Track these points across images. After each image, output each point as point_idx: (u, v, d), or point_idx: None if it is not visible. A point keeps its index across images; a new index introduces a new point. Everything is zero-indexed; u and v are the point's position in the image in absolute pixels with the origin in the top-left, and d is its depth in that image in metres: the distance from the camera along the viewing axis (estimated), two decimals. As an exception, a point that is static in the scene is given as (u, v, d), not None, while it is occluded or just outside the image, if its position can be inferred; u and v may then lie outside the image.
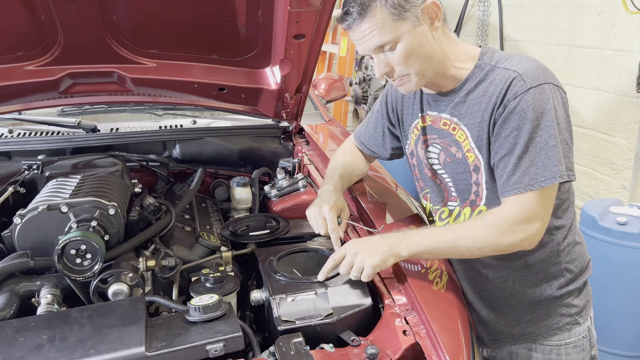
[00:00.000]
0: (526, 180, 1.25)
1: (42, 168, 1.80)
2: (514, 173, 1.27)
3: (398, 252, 1.30)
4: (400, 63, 1.31)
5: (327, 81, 3.34)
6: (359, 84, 5.62)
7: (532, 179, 1.24)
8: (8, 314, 1.23)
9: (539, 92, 1.25)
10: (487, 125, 1.33)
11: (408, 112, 1.57)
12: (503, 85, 1.29)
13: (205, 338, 1.09)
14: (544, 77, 1.27)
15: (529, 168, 1.25)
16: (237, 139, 2.20)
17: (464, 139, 1.39)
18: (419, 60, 1.31)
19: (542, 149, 1.24)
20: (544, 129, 1.24)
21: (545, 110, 1.24)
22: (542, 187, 1.24)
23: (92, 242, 1.28)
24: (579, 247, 1.48)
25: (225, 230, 1.72)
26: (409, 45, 1.28)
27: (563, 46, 3.62)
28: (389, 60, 1.32)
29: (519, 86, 1.26)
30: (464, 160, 1.40)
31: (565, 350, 1.46)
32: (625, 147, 3.18)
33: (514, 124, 1.26)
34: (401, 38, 1.28)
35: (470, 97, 1.37)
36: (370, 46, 1.30)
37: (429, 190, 1.56)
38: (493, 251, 1.33)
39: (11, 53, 1.76)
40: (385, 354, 1.12)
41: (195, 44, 1.90)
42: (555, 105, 1.26)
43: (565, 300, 1.45)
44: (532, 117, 1.24)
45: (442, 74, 1.38)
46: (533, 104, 1.24)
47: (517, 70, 1.29)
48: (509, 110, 1.27)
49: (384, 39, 1.28)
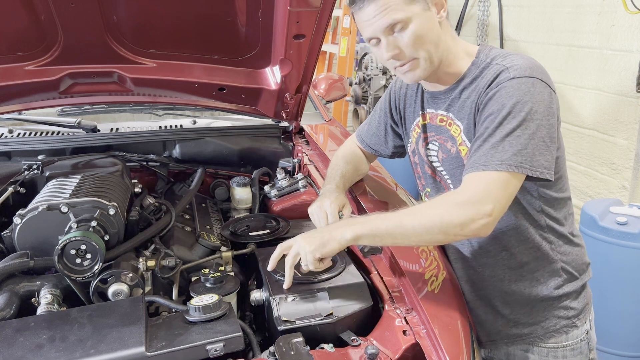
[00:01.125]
0: (482, 160, 1.23)
1: (42, 168, 1.80)
2: (475, 153, 1.26)
3: (340, 235, 1.26)
4: (410, 45, 1.30)
5: (327, 81, 3.34)
6: (359, 84, 5.63)
7: (488, 160, 1.22)
8: (8, 314, 1.23)
9: (520, 83, 1.25)
10: (474, 115, 1.34)
11: (410, 110, 1.59)
12: (490, 77, 1.31)
13: (205, 338, 1.09)
14: (531, 71, 1.27)
15: (490, 150, 1.23)
16: (237, 139, 2.20)
17: (458, 134, 1.40)
18: (427, 45, 1.32)
19: (507, 136, 1.23)
20: (515, 118, 1.23)
21: (522, 100, 1.24)
22: (496, 170, 1.21)
23: (92, 242, 1.28)
24: (577, 249, 1.47)
25: (225, 230, 1.72)
26: (419, 26, 1.29)
27: (563, 46, 3.62)
28: (398, 42, 1.31)
29: (502, 77, 1.28)
30: (457, 154, 1.41)
31: (563, 353, 1.45)
32: (625, 147, 3.18)
33: (490, 109, 1.27)
34: (412, 19, 1.28)
35: (464, 94, 1.38)
36: (383, 24, 1.29)
37: (429, 188, 1.57)
38: (442, 232, 1.23)
39: (11, 53, 1.76)
40: (385, 354, 1.12)
41: (195, 44, 1.90)
42: (537, 99, 1.25)
43: (562, 303, 1.44)
44: (508, 104, 1.24)
45: (445, 67, 1.39)
46: (511, 92, 1.25)
47: (506, 64, 1.30)
48: (489, 97, 1.28)
49: (396, 17, 1.27)
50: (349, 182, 1.73)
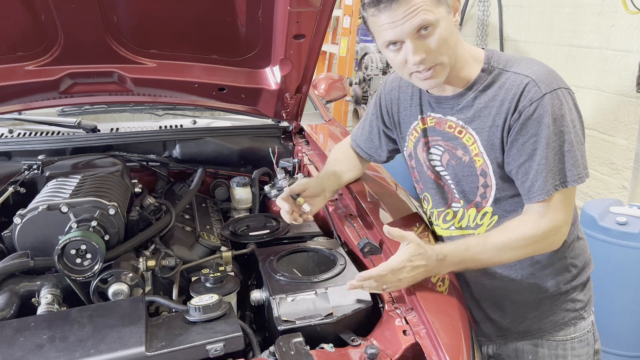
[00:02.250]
0: (547, 187, 1.28)
1: (42, 168, 1.80)
2: (537, 179, 1.29)
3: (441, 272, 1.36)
4: (437, 49, 1.27)
5: (327, 81, 3.34)
6: (359, 84, 5.63)
7: (553, 185, 1.28)
8: (8, 314, 1.23)
9: (554, 98, 1.26)
10: (501, 130, 1.32)
11: (405, 114, 1.55)
12: (516, 90, 1.29)
13: (205, 338, 1.10)
14: (556, 82, 1.29)
15: (548, 174, 1.27)
16: (237, 139, 2.20)
17: (472, 143, 1.38)
18: (450, 49, 1.29)
19: (562, 153, 1.27)
20: (562, 134, 1.26)
21: (561, 115, 1.26)
22: (565, 188, 1.28)
23: (92, 242, 1.28)
24: (582, 243, 1.50)
25: (225, 230, 1.72)
26: (445, 30, 1.26)
27: (563, 46, 3.62)
28: (426, 46, 1.27)
29: (533, 92, 1.27)
30: (471, 163, 1.39)
31: (571, 345, 1.48)
32: (625, 147, 3.18)
33: (532, 130, 1.27)
34: (439, 22, 1.25)
35: (478, 101, 1.36)
36: (412, 26, 1.23)
37: (429, 192, 1.55)
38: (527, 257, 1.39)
39: (11, 53, 1.76)
40: (385, 354, 1.12)
41: (195, 44, 1.90)
42: (570, 108, 1.28)
43: (570, 296, 1.46)
44: (550, 122, 1.26)
45: (456, 70, 1.36)
46: (550, 109, 1.26)
47: (529, 75, 1.29)
48: (526, 117, 1.27)
49: (428, 18, 1.23)
50: (336, 176, 1.69)
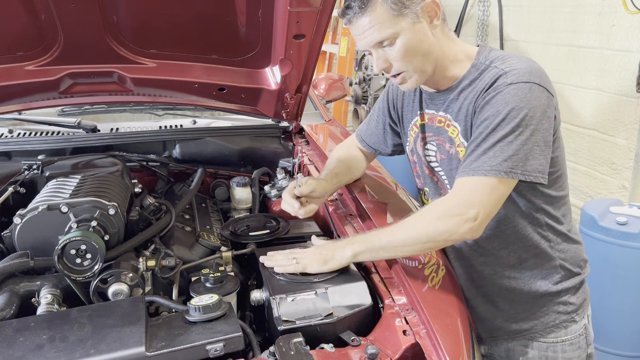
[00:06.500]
0: (473, 165, 1.26)
1: (42, 168, 1.80)
2: (467, 158, 1.29)
3: (341, 254, 1.35)
4: (399, 59, 1.33)
5: (327, 81, 3.34)
6: (359, 84, 5.62)
7: (478, 166, 1.25)
8: (8, 314, 1.23)
9: (517, 89, 1.26)
10: (470, 118, 1.35)
11: (408, 109, 1.60)
12: (488, 81, 1.32)
13: (205, 338, 1.10)
14: (529, 76, 1.27)
15: (481, 156, 1.26)
16: (237, 139, 2.20)
17: (456, 135, 1.41)
18: (417, 57, 1.34)
19: (499, 142, 1.24)
20: (509, 124, 1.24)
21: (517, 106, 1.24)
22: (484, 175, 1.24)
23: (92, 242, 1.28)
24: (575, 247, 1.49)
25: (225, 230, 1.72)
26: (407, 41, 1.31)
27: (563, 46, 3.62)
28: (387, 56, 1.34)
29: (500, 82, 1.29)
30: (456, 155, 1.42)
31: (562, 348, 1.47)
32: (625, 147, 3.18)
33: (486, 114, 1.29)
34: (400, 34, 1.30)
35: (463, 95, 1.39)
36: (370, 41, 1.32)
37: (427, 188, 1.58)
38: (431, 241, 1.30)
39: (11, 53, 1.76)
40: (385, 354, 1.12)
41: (195, 44, 1.90)
42: (533, 105, 1.25)
43: (562, 298, 1.46)
44: (503, 110, 1.25)
45: (442, 72, 1.40)
46: (508, 98, 1.26)
47: (504, 68, 1.31)
48: (486, 101, 1.30)
49: (383, 34, 1.30)
50: (340, 178, 1.73)
